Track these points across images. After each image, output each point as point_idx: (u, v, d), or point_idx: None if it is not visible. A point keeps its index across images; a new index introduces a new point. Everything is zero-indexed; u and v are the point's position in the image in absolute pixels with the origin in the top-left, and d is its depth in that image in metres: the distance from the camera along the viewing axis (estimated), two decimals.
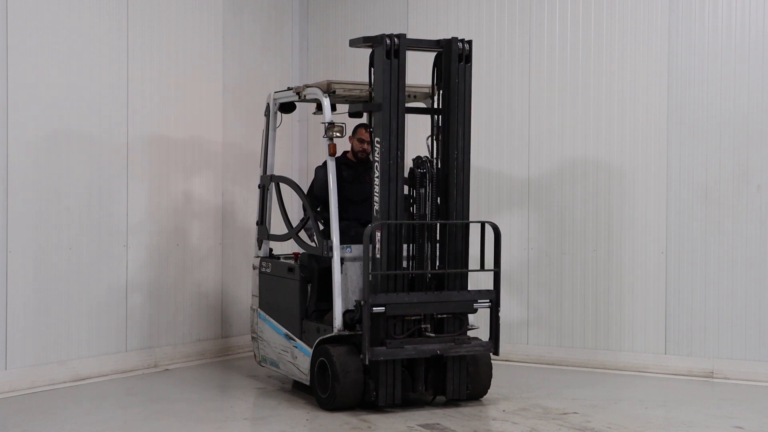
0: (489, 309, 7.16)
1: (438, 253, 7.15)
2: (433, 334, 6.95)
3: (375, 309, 6.74)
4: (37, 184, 7.72)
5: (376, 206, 6.92)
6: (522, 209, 9.13)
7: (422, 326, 6.95)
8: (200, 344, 9.18)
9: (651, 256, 8.59)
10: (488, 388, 7.34)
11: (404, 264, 7.03)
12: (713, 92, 8.36)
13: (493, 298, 7.14)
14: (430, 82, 7.36)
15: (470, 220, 7.20)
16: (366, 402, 6.93)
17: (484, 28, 9.30)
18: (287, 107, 8.08)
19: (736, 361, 8.23)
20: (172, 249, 8.90)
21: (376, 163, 6.91)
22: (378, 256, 6.88)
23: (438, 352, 6.88)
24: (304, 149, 10.43)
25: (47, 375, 7.77)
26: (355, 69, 9.86)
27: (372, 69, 7.07)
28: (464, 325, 7.12)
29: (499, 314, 7.16)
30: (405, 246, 7.05)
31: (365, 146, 7.61)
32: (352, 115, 7.77)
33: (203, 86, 9.27)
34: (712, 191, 8.37)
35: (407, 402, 7.09)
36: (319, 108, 7.47)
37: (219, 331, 9.42)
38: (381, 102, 6.88)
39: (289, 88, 7.86)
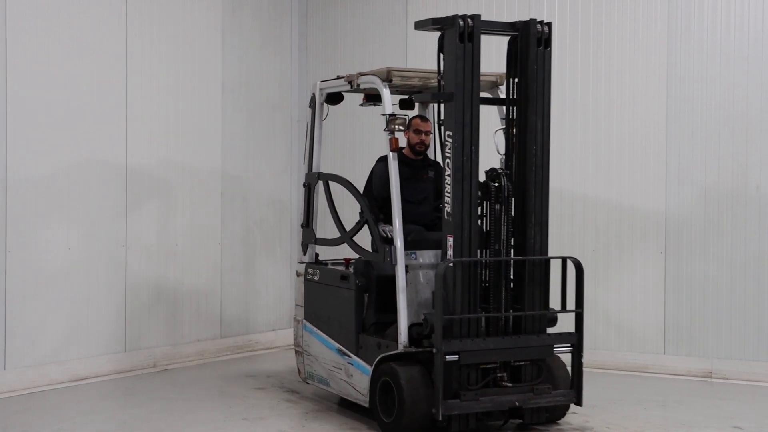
0: (570, 354, 6.43)
1: (513, 287, 6.38)
2: (510, 384, 6.23)
3: (448, 357, 6.00)
4: (36, 180, 7.71)
5: (448, 208, 6.17)
6: None
7: (498, 375, 6.22)
8: (199, 344, 9.17)
9: (650, 256, 8.58)
10: (567, 409, 6.63)
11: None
12: (712, 92, 8.35)
13: (575, 342, 6.41)
14: (492, 70, 6.82)
15: (550, 255, 6.47)
16: (437, 427, 6.19)
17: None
18: (334, 98, 7.38)
19: (735, 361, 8.23)
20: (171, 249, 8.89)
21: (448, 161, 6.16)
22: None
23: (516, 404, 6.16)
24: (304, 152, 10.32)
25: (46, 375, 7.76)
26: (354, 68, 9.82)
27: (441, 54, 6.30)
28: (542, 372, 6.37)
29: (582, 360, 6.43)
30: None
31: (423, 137, 6.98)
32: (402, 107, 7.27)
33: (203, 85, 9.25)
34: (711, 191, 8.36)
35: (482, 429, 6.43)
36: (370, 99, 7.01)
37: (218, 332, 9.41)
38: (453, 91, 6.13)
39: (339, 77, 7.19)
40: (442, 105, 6.29)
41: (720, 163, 8.34)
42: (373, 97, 7.21)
